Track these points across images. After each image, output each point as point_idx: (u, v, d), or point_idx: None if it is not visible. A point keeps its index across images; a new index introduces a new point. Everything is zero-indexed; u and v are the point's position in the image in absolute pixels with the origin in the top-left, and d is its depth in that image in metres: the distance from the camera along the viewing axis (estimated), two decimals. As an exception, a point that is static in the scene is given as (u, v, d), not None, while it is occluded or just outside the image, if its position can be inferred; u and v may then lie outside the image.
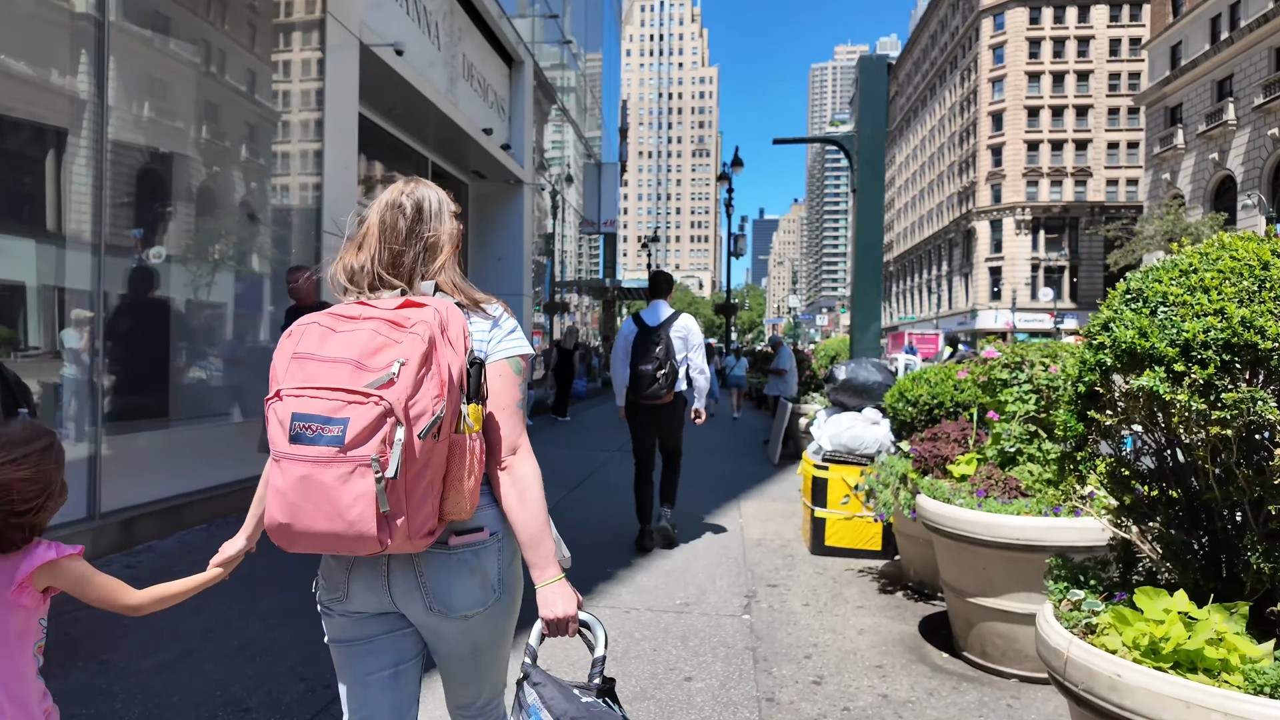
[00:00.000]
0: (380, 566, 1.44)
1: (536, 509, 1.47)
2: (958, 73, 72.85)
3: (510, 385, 1.50)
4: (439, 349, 1.32)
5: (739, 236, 27.80)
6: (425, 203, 1.58)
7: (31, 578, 1.38)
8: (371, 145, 10.10)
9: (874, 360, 5.54)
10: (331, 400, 1.25)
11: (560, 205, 18.27)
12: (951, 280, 72.40)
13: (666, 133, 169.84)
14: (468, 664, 1.57)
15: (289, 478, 1.26)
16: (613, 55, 25.01)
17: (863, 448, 5.14)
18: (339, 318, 1.35)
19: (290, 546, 1.32)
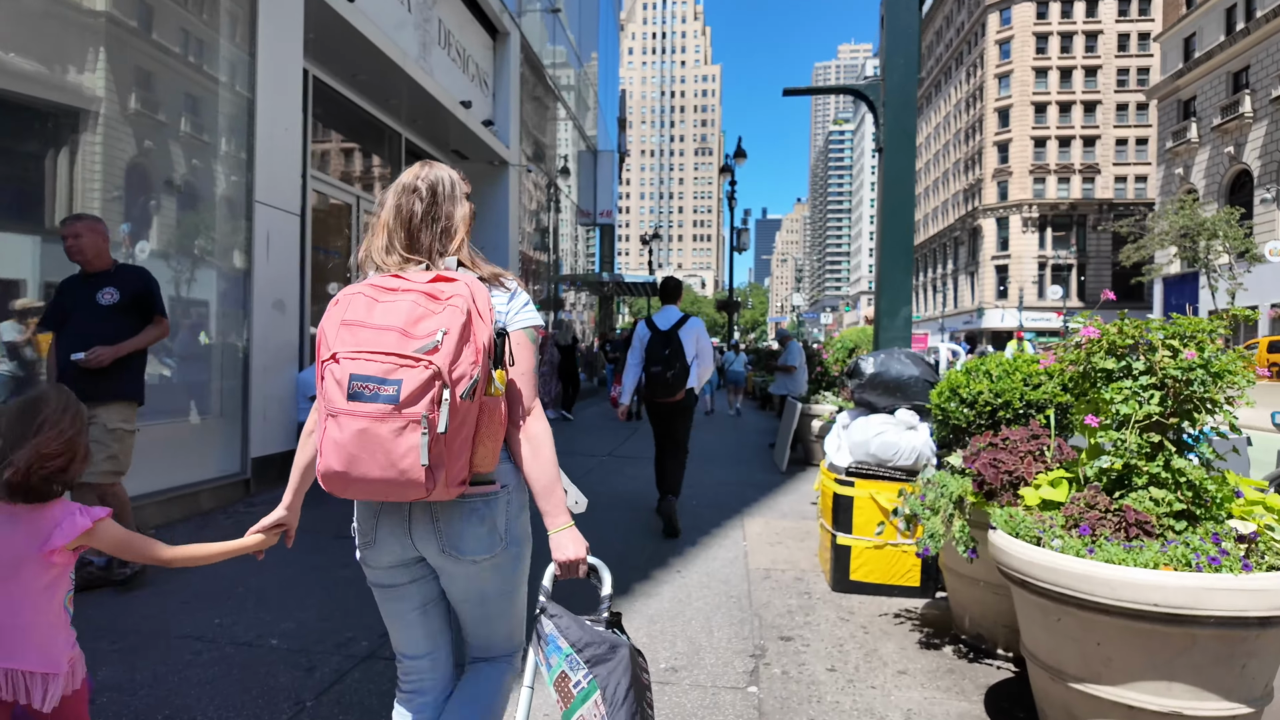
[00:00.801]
0: (403, 513, 1.63)
1: (548, 463, 1.66)
2: (963, 69, 72.03)
3: (526, 353, 1.69)
4: (474, 321, 1.49)
5: (742, 231, 26.80)
6: (439, 185, 1.69)
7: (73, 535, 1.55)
8: (335, 118, 9.11)
9: (907, 351, 4.54)
10: (386, 363, 1.41)
11: (553, 194, 17.27)
12: (957, 279, 71.58)
13: (669, 131, 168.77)
14: (477, 609, 1.74)
15: (347, 431, 1.42)
16: (610, 37, 23.97)
17: (896, 458, 4.14)
18: (380, 289, 1.51)
19: (343, 492, 1.49)
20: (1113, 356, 2.63)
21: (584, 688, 1.56)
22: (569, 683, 1.58)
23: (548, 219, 17.03)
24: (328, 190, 8.82)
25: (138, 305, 3.93)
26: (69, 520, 1.57)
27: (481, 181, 12.45)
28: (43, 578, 1.57)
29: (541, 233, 16.60)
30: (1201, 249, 32.84)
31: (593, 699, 1.55)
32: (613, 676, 1.56)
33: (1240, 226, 31.89)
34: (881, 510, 4.08)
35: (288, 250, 6.33)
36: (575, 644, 1.59)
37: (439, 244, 1.65)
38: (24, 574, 1.56)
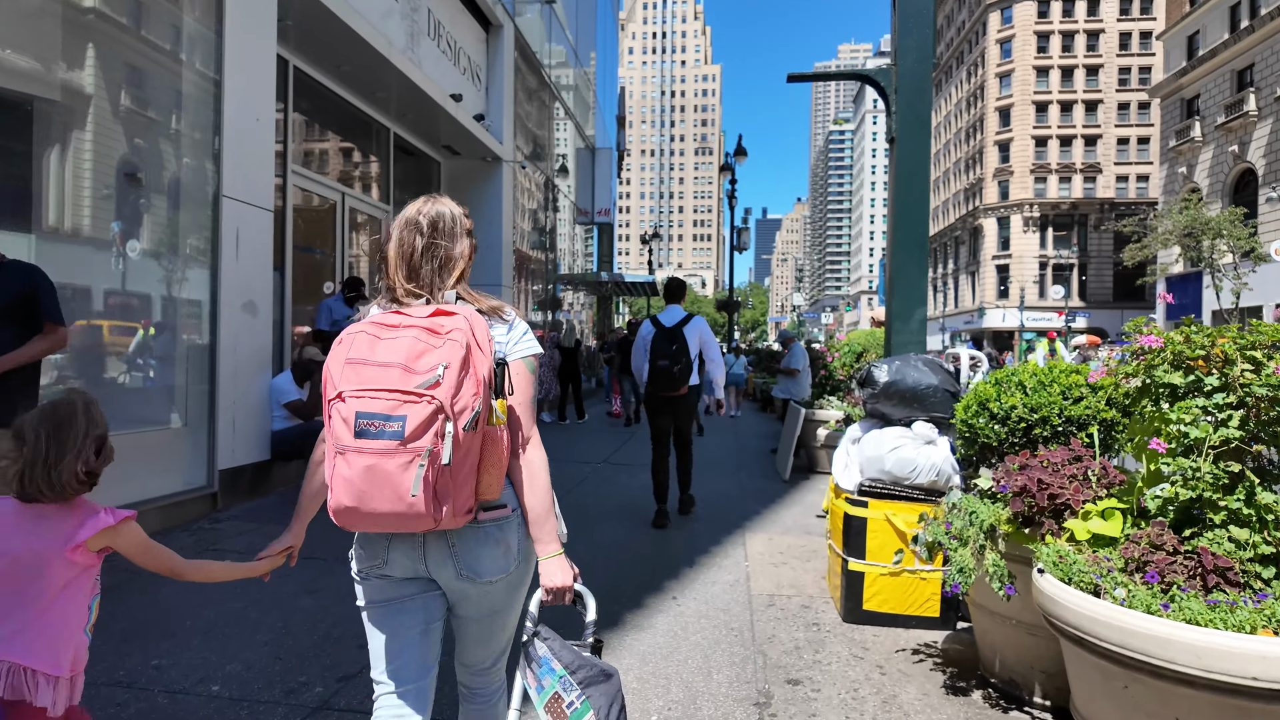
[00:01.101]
0: (417, 539, 1.65)
1: (544, 492, 1.71)
2: (964, 68, 71.71)
3: (526, 383, 1.74)
4: (474, 354, 1.53)
5: (742, 230, 26.42)
6: (440, 220, 1.74)
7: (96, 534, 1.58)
8: (319, 112, 8.73)
9: (925, 357, 4.15)
10: (390, 400, 1.44)
11: (552, 193, 16.89)
12: (958, 279, 71.26)
13: (669, 130, 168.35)
14: (485, 625, 1.78)
15: (355, 467, 1.45)
16: (608, 33, 23.57)
17: (914, 476, 3.76)
18: (381, 326, 1.55)
19: (353, 527, 1.54)
20: (1179, 370, 2.25)
21: (577, 708, 1.61)
22: (562, 703, 1.62)
23: (545, 218, 16.66)
24: (311, 187, 8.44)
25: (23, 309, 3.22)
26: (93, 518, 1.61)
27: (474, 178, 12.08)
28: (64, 577, 1.59)
29: (539, 232, 16.24)
30: (1205, 248, 32.46)
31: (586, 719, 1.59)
32: (604, 699, 1.61)
33: (1245, 226, 31.52)
34: (898, 534, 3.71)
35: (260, 248, 5.95)
36: (568, 666, 1.64)
37: (438, 278, 1.70)
38: (49, 573, 1.58)
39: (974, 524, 2.81)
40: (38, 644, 1.56)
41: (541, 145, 15.98)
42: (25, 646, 1.55)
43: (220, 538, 4.95)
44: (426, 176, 11.81)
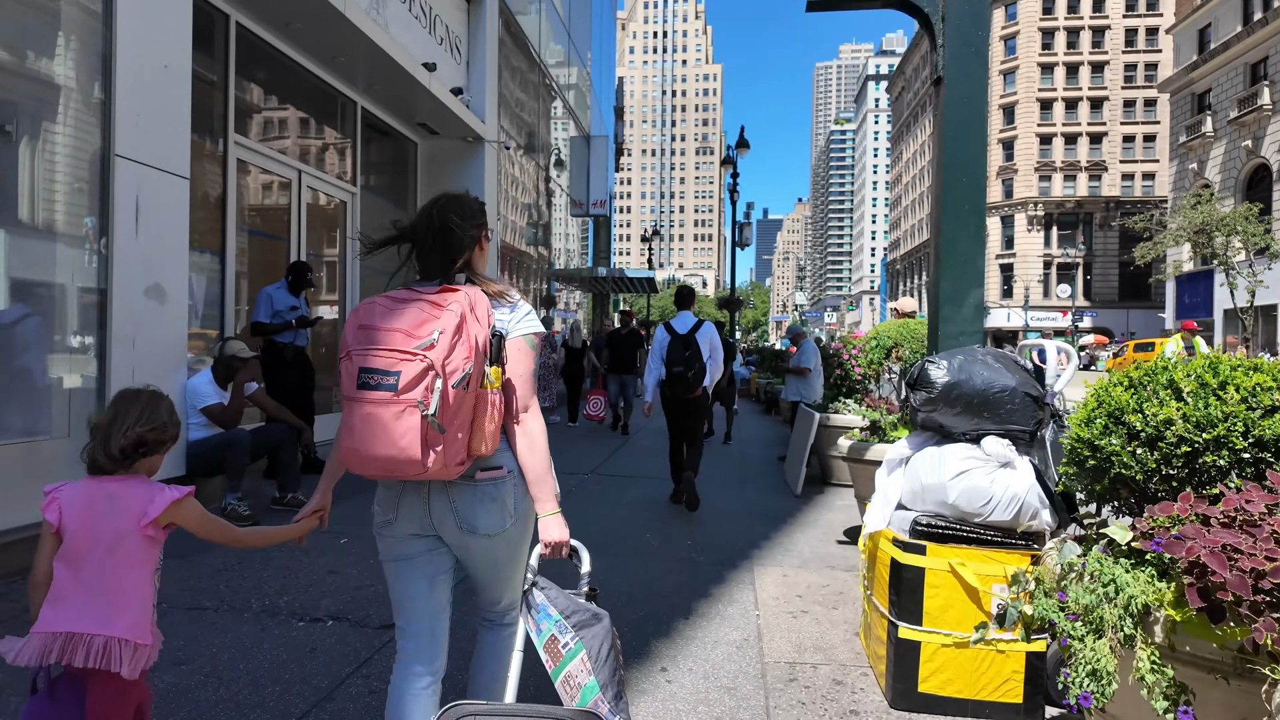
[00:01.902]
0: (422, 495, 1.85)
1: (541, 456, 1.91)
2: (968, 65, 70.81)
3: (525, 357, 1.92)
4: (468, 323, 1.74)
5: (744, 225, 25.42)
6: (451, 209, 1.93)
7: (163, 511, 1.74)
8: (270, 77, 7.74)
9: (996, 351, 3.17)
10: (389, 358, 1.68)
11: (546, 183, 15.90)
12: (961, 278, 70.33)
13: (670, 130, 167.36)
14: (492, 573, 1.96)
15: (357, 415, 1.69)
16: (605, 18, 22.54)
17: (988, 510, 2.78)
18: (393, 299, 1.79)
19: (358, 469, 1.74)
20: None
21: (571, 648, 1.82)
22: (558, 644, 1.84)
23: (538, 211, 15.67)
24: (260, 161, 7.45)
25: None
26: (160, 495, 1.76)
27: (454, 160, 11.09)
28: (138, 552, 1.74)
29: (531, 225, 15.25)
30: (1219, 245, 31.46)
31: (579, 656, 1.81)
32: (596, 639, 1.83)
33: (1260, 222, 30.51)
34: (968, 591, 2.72)
35: (171, 222, 4.96)
36: (563, 612, 1.86)
37: (444, 264, 1.91)
38: (123, 548, 1.73)
39: (1115, 602, 1.82)
40: (121, 617, 1.70)
41: (533, 132, 14.99)
42: (111, 619, 1.68)
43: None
44: (401, 158, 10.82)
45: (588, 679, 1.79)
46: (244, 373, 5.21)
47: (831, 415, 7.27)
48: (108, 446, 1.76)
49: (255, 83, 7.50)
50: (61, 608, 1.69)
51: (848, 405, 7.35)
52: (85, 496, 1.75)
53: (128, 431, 1.77)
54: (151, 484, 1.80)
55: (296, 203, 8.09)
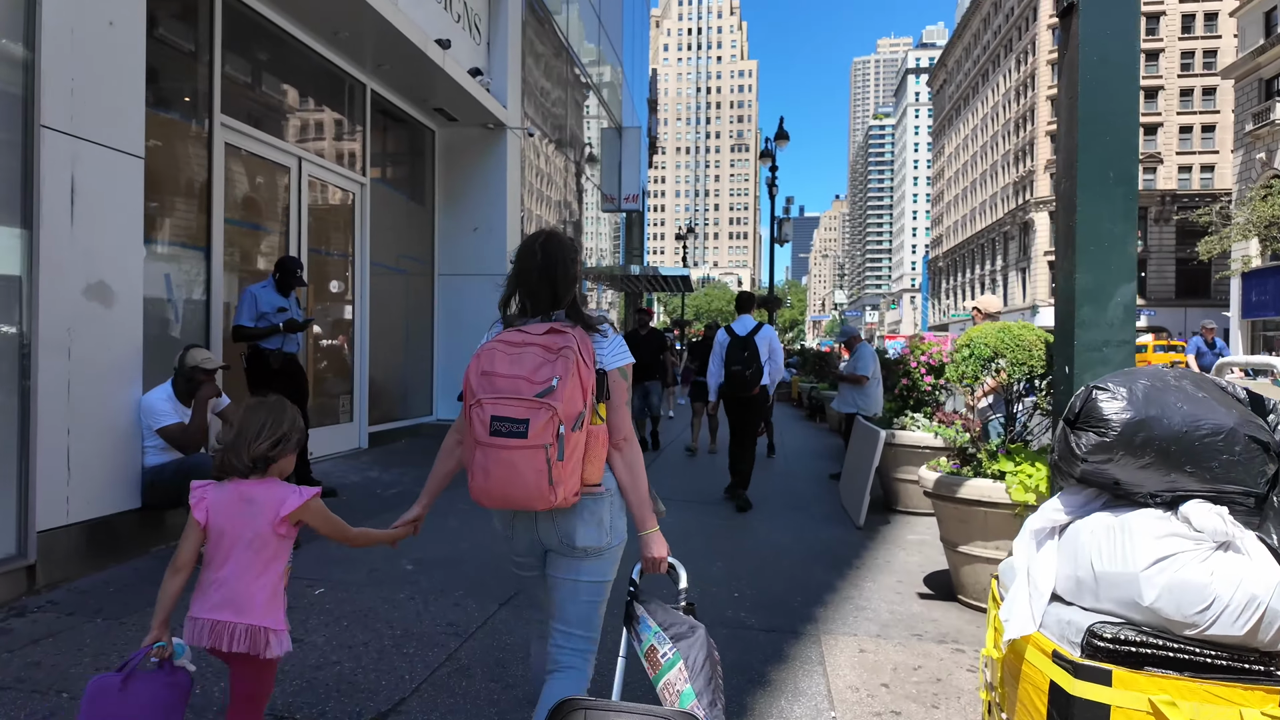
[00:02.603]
0: (530, 520, 2.01)
1: (641, 480, 2.04)
2: (1013, 56, 68.71)
3: (620, 388, 2.03)
4: (580, 368, 1.87)
5: (783, 220, 24.33)
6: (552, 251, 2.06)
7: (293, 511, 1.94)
8: (264, 53, 7.00)
9: (1195, 374, 2.20)
10: (518, 406, 1.81)
11: (570, 173, 15.05)
12: (1008, 275, 68.27)
13: (704, 128, 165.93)
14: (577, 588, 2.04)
15: (490, 459, 1.83)
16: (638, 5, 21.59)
17: (1208, 619, 1.82)
18: (509, 345, 1.90)
19: (487, 504, 1.91)
20: None
21: (669, 658, 1.92)
22: (657, 654, 1.95)
23: (568, 207, 14.83)
24: (252, 146, 6.70)
25: None
26: (292, 496, 1.96)
27: (474, 150, 10.28)
28: (274, 548, 1.95)
29: (561, 222, 14.40)
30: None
31: (677, 667, 1.90)
32: (693, 650, 1.92)
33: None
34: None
35: (119, 207, 4.19)
36: (662, 624, 1.98)
37: (551, 298, 2.03)
38: (264, 546, 1.93)
39: None
40: (259, 606, 1.91)
41: (560, 124, 14.15)
42: (251, 609, 1.90)
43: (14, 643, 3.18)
44: (418, 147, 10.04)
45: (684, 686, 1.88)
46: (206, 387, 4.41)
47: (897, 432, 6.28)
48: (240, 457, 1.95)
49: (246, 59, 6.75)
50: (208, 598, 1.90)
51: (916, 421, 6.36)
52: (227, 497, 1.95)
53: (252, 446, 1.95)
54: (285, 486, 2.00)
55: (296, 193, 7.34)
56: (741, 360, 6.28)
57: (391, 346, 9.42)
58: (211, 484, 1.97)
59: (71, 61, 3.88)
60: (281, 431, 2.00)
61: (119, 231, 4.20)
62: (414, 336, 9.95)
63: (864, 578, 4.60)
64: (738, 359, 6.30)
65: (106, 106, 4.10)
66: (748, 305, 6.78)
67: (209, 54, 6.09)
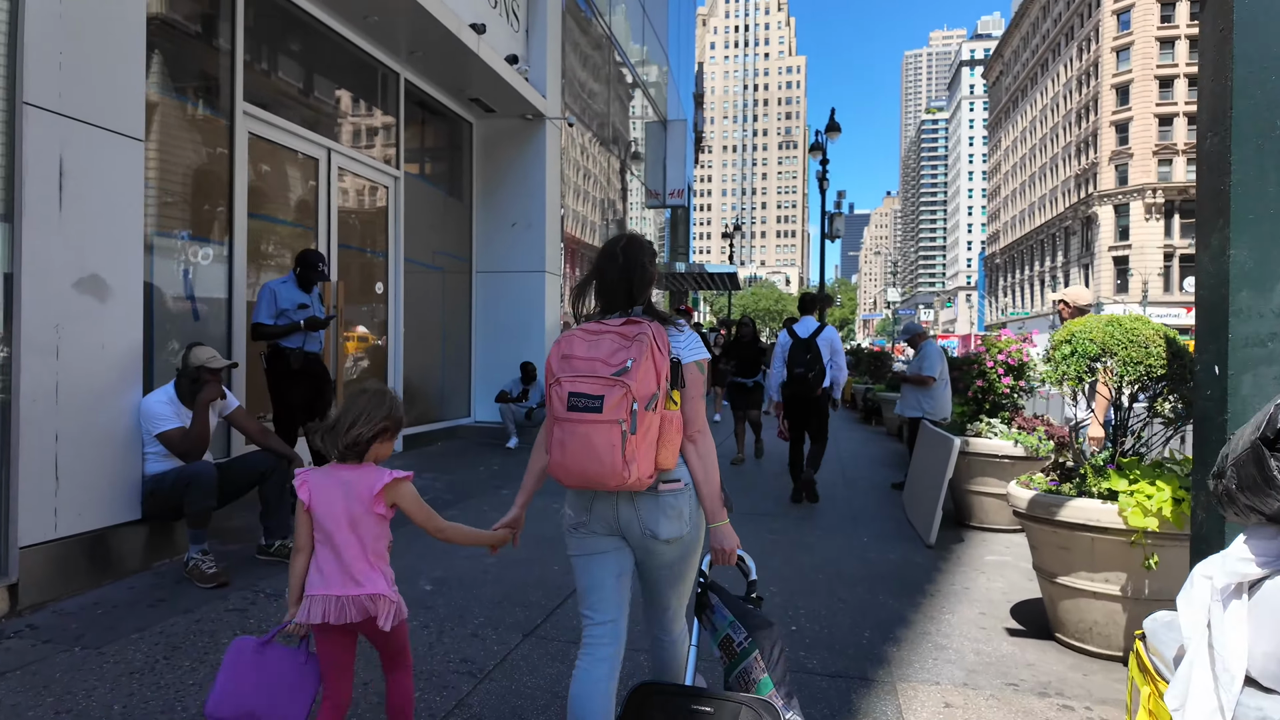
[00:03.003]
0: (611, 502, 2.07)
1: (714, 472, 2.09)
2: (1075, 44, 66.22)
3: (696, 380, 2.09)
4: (654, 352, 1.96)
5: (834, 215, 23.51)
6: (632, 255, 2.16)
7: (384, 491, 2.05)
8: (294, 41, 6.70)
9: None
10: (594, 383, 1.92)
11: (611, 166, 14.61)
12: (1069, 272, 65.81)
13: (751, 125, 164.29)
14: (666, 577, 2.14)
15: (567, 433, 1.93)
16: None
17: None
18: (587, 332, 2.03)
19: (565, 481, 1.99)
20: None
21: (745, 647, 1.98)
22: (732, 643, 2.02)
23: (611, 205, 14.39)
24: (278, 136, 6.40)
25: None
26: (379, 479, 2.06)
27: (512, 142, 9.89)
28: (375, 527, 2.06)
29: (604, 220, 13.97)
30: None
31: (753, 655, 1.95)
32: (768, 640, 1.98)
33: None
34: None
35: (117, 196, 3.86)
36: (736, 613, 2.07)
37: (628, 296, 2.14)
38: (363, 524, 2.05)
39: None
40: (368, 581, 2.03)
41: (603, 117, 13.71)
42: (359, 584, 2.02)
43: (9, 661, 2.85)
44: (455, 140, 9.70)
45: (761, 675, 1.93)
46: (208, 388, 4.06)
47: (972, 439, 5.65)
48: (337, 444, 2.08)
49: (270, 44, 6.45)
50: (324, 576, 2.04)
51: (993, 426, 5.72)
52: (326, 482, 2.08)
53: (350, 431, 2.07)
54: (377, 470, 2.11)
55: (325, 186, 7.02)
56: (804, 362, 6.30)
57: (427, 346, 9.09)
58: (314, 469, 2.12)
59: (60, 33, 3.55)
60: (377, 420, 2.09)
61: (115, 220, 3.86)
62: (451, 336, 9.61)
63: (941, 607, 4.02)
64: (800, 360, 6.32)
65: (101, 84, 3.77)
66: (811, 307, 6.79)
67: (230, 38, 5.79)
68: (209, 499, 3.86)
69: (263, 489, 4.23)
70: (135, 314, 4.00)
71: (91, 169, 3.72)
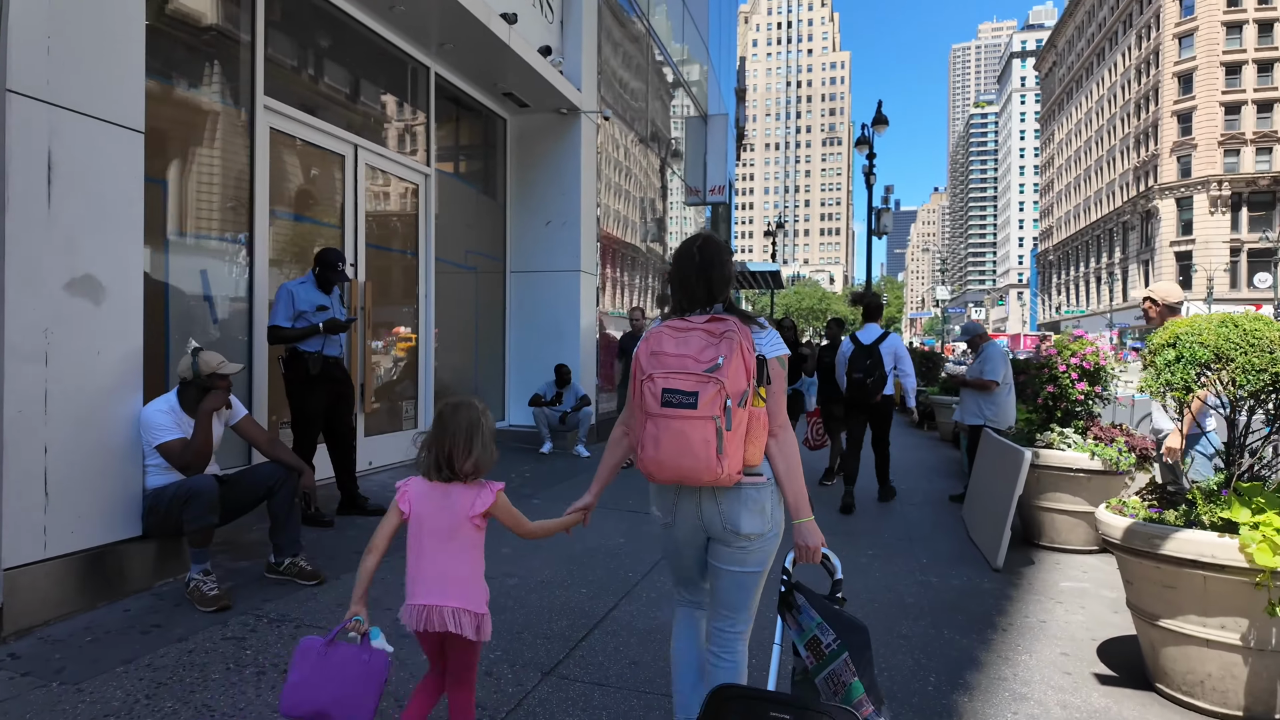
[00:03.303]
0: (695, 499, 2.10)
1: (796, 468, 2.10)
2: (1133, 31, 63.87)
3: (779, 377, 2.11)
4: (743, 350, 1.98)
5: (882, 211, 22.78)
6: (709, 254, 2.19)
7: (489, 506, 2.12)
8: (318, 33, 6.47)
9: None
10: (687, 379, 1.94)
11: (648, 162, 14.23)
12: (1127, 268, 63.50)
13: (794, 122, 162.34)
14: (736, 577, 2.13)
15: (661, 429, 1.95)
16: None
17: None
18: (674, 329, 2.07)
19: (658, 476, 2.02)
20: None
21: (834, 649, 1.92)
22: (820, 644, 1.95)
23: (649, 204, 14.01)
24: (301, 131, 6.17)
25: None
26: (483, 492, 2.13)
27: (547, 138, 9.58)
28: (470, 539, 2.12)
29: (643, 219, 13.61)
30: None
31: (843, 658, 1.88)
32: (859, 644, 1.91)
33: None
34: None
35: (111, 189, 3.61)
36: (823, 614, 1.99)
37: (708, 295, 2.15)
38: (459, 536, 2.11)
39: None
40: (462, 592, 2.08)
41: (640, 113, 13.34)
42: (458, 594, 2.08)
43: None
44: (489, 137, 9.42)
45: (851, 679, 1.86)
46: (212, 396, 3.78)
47: (1042, 451, 5.13)
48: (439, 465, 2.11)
49: (292, 36, 6.22)
50: (419, 585, 2.09)
51: (1065, 437, 5.20)
52: (427, 493, 2.13)
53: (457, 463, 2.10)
54: (478, 484, 2.15)
55: (351, 184, 6.78)
56: (863, 368, 6.28)
57: (460, 348, 8.82)
58: (415, 479, 2.16)
59: (48, 15, 3.30)
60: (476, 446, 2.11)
61: (111, 217, 3.61)
62: (484, 337, 9.33)
63: (1015, 645, 3.54)
64: (859, 366, 6.31)
65: (95, 70, 3.52)
66: (875, 314, 6.77)
67: (250, 28, 5.57)
68: (209, 515, 3.58)
69: (271, 504, 3.95)
70: (134, 317, 3.75)
71: (85, 162, 3.47)
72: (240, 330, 5.58)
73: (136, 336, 3.76)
